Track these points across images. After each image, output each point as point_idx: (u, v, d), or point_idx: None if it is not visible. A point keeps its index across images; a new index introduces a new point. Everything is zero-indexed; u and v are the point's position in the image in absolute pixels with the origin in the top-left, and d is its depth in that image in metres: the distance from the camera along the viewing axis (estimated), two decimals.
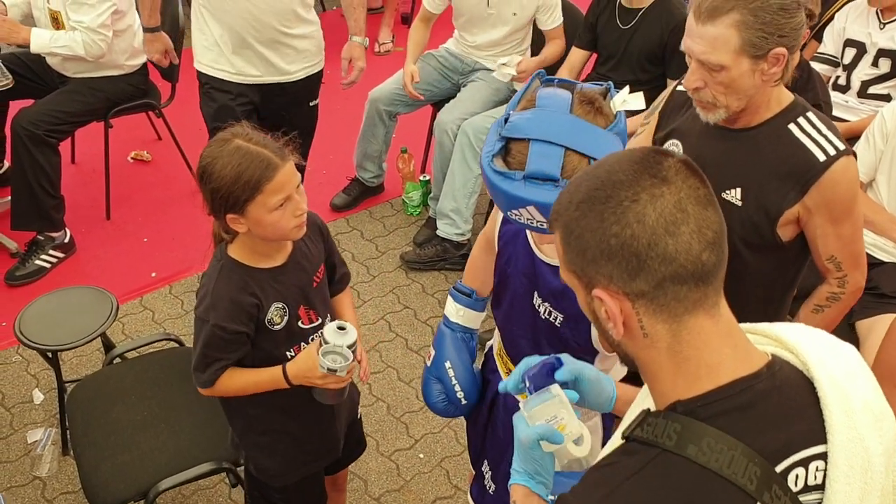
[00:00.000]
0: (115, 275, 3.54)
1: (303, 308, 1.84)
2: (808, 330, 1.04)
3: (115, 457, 2.23)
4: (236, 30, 3.00)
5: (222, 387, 1.82)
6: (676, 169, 0.93)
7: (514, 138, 1.35)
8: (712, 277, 0.92)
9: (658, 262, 0.90)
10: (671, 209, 0.90)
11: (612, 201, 0.92)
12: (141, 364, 2.54)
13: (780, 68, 1.66)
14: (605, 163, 0.97)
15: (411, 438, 2.91)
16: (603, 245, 0.92)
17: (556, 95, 1.37)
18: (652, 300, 0.92)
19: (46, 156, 3.46)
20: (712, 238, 0.91)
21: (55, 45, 3.35)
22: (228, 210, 1.64)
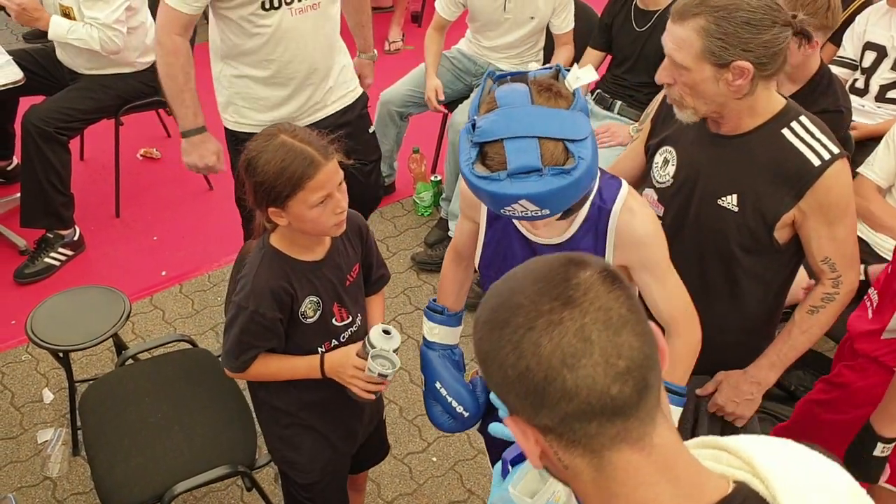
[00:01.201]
0: (124, 273, 3.52)
1: (336, 305, 1.86)
2: (788, 452, 0.90)
3: (130, 459, 2.21)
4: (284, 77, 2.65)
5: (253, 371, 1.85)
6: (587, 287, 0.81)
7: (488, 141, 1.39)
8: (632, 409, 0.80)
9: (558, 398, 0.79)
10: (570, 339, 0.79)
11: (509, 328, 0.82)
12: (154, 365, 2.52)
13: (745, 81, 1.67)
14: (514, 277, 0.87)
15: (424, 441, 2.89)
16: (502, 374, 0.83)
17: (515, 91, 1.42)
18: (561, 436, 0.82)
19: (57, 153, 3.44)
20: (625, 367, 0.79)
21: (71, 36, 3.34)
22: (270, 203, 1.67)
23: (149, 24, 3.62)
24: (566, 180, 1.36)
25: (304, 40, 2.57)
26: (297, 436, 2.00)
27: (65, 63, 3.58)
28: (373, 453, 2.32)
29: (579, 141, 1.38)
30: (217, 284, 3.51)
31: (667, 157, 1.94)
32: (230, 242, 3.69)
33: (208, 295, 3.46)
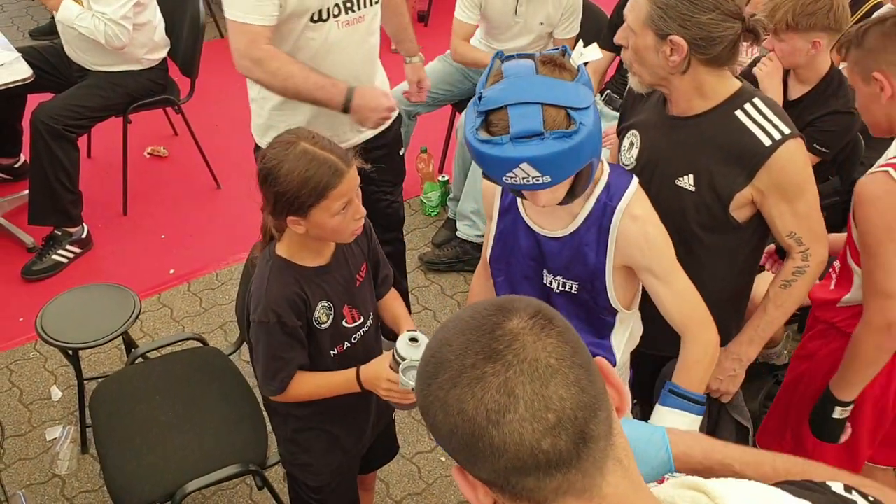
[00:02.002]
0: (132, 271, 3.52)
1: (347, 307, 1.85)
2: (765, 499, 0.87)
3: (141, 457, 2.21)
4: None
5: (294, 391, 1.81)
6: (512, 337, 0.78)
7: (492, 109, 1.43)
8: (571, 462, 0.76)
9: (489, 455, 0.76)
10: (493, 394, 0.76)
11: (436, 383, 0.80)
12: (165, 363, 2.52)
13: (680, 59, 1.71)
14: (446, 327, 0.84)
15: (432, 441, 2.89)
16: (435, 428, 0.81)
17: (520, 64, 1.47)
18: (503, 489, 0.79)
19: (65, 150, 3.45)
20: (556, 420, 0.75)
21: (79, 23, 3.34)
22: (291, 213, 1.65)
23: (157, 22, 3.62)
24: (567, 144, 1.39)
25: (350, 53, 2.52)
26: (309, 439, 1.99)
27: (73, 59, 3.58)
28: (382, 453, 2.32)
29: (582, 109, 1.41)
30: (225, 283, 3.51)
31: (632, 140, 1.99)
32: (238, 241, 3.70)
33: (216, 293, 3.46)
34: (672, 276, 1.67)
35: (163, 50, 3.70)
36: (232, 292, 3.46)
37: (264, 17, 2.31)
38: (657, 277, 1.67)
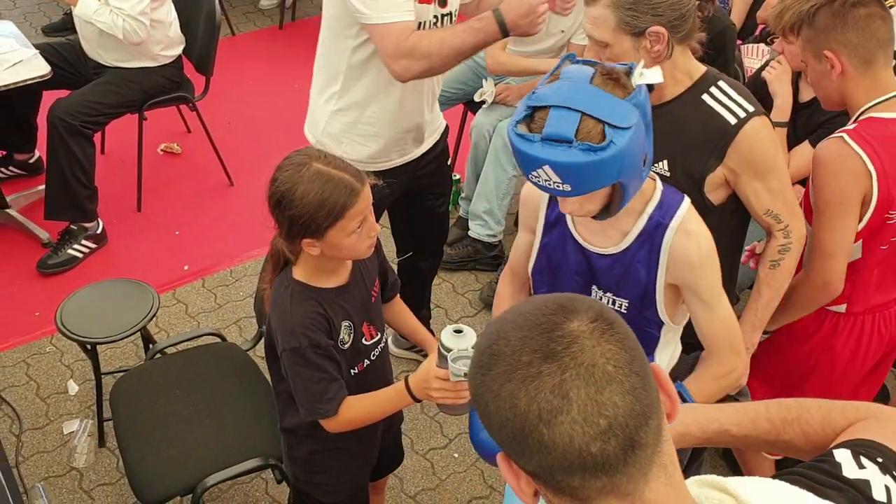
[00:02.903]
0: (147, 267, 3.55)
1: (365, 324, 1.83)
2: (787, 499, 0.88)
3: (162, 451, 2.24)
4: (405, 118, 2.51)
5: (348, 416, 1.75)
6: (571, 340, 0.78)
7: (538, 106, 1.45)
8: (618, 467, 0.77)
9: (537, 450, 0.78)
10: (547, 395, 0.77)
11: (489, 375, 0.81)
12: (184, 359, 2.56)
13: (662, 46, 1.78)
14: (504, 319, 0.85)
15: (445, 438, 2.92)
16: (486, 417, 0.83)
17: (580, 69, 1.49)
18: (547, 483, 0.81)
19: (81, 146, 3.48)
20: (607, 426, 0.76)
21: (97, 18, 3.37)
22: (307, 235, 1.62)
23: (172, 19, 3.65)
24: (591, 157, 1.39)
25: None
26: (326, 458, 1.96)
27: (90, 55, 3.62)
28: (390, 460, 2.31)
29: (620, 129, 1.40)
30: (239, 279, 3.55)
31: None
32: (251, 238, 3.74)
33: (231, 290, 3.49)
34: (715, 301, 1.66)
35: (178, 47, 3.73)
36: (246, 289, 3.49)
37: (405, 13, 2.23)
38: (701, 299, 1.66)
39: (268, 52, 5.28)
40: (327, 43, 2.44)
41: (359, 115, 2.45)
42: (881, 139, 1.90)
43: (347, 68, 2.39)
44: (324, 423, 1.77)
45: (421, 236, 2.92)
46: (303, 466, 1.99)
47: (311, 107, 2.60)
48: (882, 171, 1.89)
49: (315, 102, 2.56)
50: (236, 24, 5.51)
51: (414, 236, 2.91)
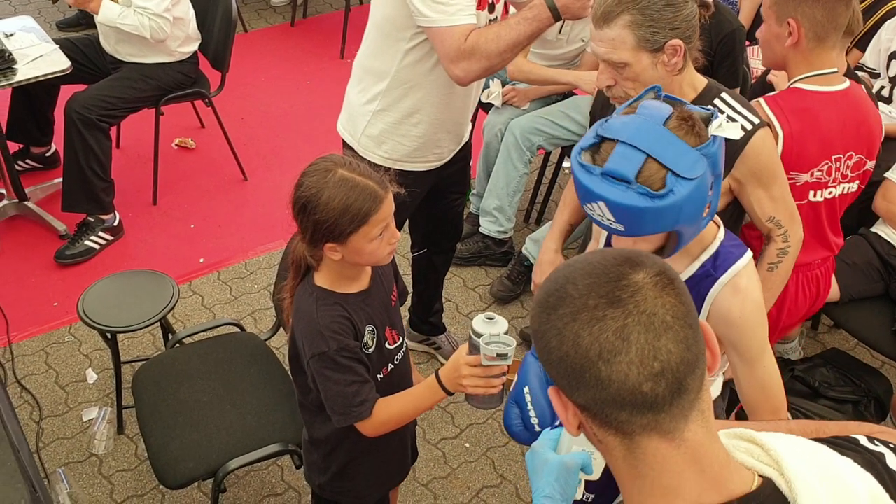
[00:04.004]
0: (163, 259, 3.62)
1: (388, 329, 1.85)
2: (816, 458, 0.93)
3: (184, 436, 2.30)
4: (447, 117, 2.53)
5: (382, 417, 1.75)
6: (635, 289, 0.86)
7: (607, 138, 1.42)
8: (664, 406, 0.85)
9: (593, 386, 0.86)
10: (609, 336, 0.84)
11: (555, 314, 0.88)
12: (204, 348, 2.61)
13: (679, 58, 1.80)
14: (572, 265, 0.92)
15: (457, 428, 2.99)
16: (546, 353, 0.90)
17: (657, 107, 1.44)
18: (595, 415, 0.89)
19: (98, 139, 3.54)
20: (660, 369, 0.84)
21: (122, 21, 3.43)
22: (330, 240, 1.65)
23: (191, 16, 3.72)
24: (646, 203, 1.35)
25: None
26: (357, 467, 1.96)
27: (107, 51, 3.68)
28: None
29: (683, 178, 1.36)
30: (254, 272, 3.61)
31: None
32: (265, 231, 3.80)
33: (245, 282, 3.56)
34: (757, 362, 1.62)
35: (194, 43, 3.79)
36: (261, 281, 3.55)
37: (468, 16, 2.22)
38: (741, 358, 1.63)
39: (280, 50, 5.33)
40: (376, 43, 2.42)
41: (403, 116, 2.46)
42: (795, 107, 2.10)
43: (397, 70, 2.39)
44: (359, 426, 1.76)
45: (438, 232, 2.97)
46: (332, 475, 1.97)
47: (349, 106, 2.59)
48: (789, 133, 2.07)
49: (354, 102, 2.55)
50: (248, 21, 5.57)
51: (431, 232, 2.96)
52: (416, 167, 2.56)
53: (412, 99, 2.44)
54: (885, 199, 2.81)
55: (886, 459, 0.99)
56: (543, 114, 3.56)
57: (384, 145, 2.51)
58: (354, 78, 2.57)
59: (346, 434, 1.83)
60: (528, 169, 3.59)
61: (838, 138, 2.17)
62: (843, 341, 3.33)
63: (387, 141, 2.51)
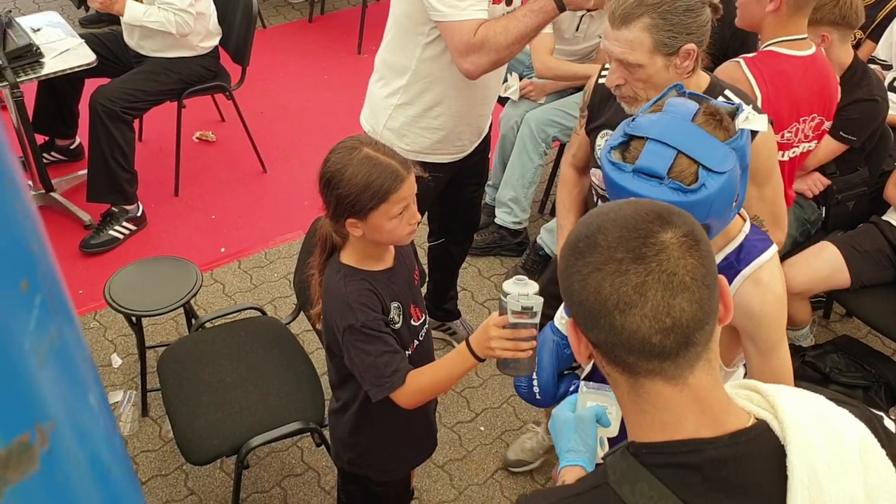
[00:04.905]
0: (185, 249, 3.69)
1: (412, 306, 1.91)
2: (809, 403, 0.99)
3: (209, 415, 2.38)
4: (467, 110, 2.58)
5: (416, 385, 1.77)
6: (661, 248, 0.90)
7: (636, 136, 1.45)
8: (670, 357, 0.91)
9: (606, 330, 0.92)
10: (628, 290, 0.90)
11: (582, 261, 0.93)
12: (227, 331, 2.69)
13: (691, 62, 1.85)
14: (605, 214, 0.96)
15: (472, 412, 3.05)
16: (568, 293, 0.96)
17: (684, 104, 1.48)
18: (605, 354, 0.95)
19: (122, 131, 3.62)
20: (671, 325, 0.89)
21: (148, 20, 3.52)
22: (351, 215, 1.71)
23: (212, 11, 3.79)
24: (679, 198, 1.37)
25: None
26: (389, 440, 2.01)
27: (131, 46, 3.76)
28: None
29: (715, 173, 1.39)
30: (274, 261, 3.68)
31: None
32: (285, 222, 3.87)
33: (265, 271, 3.63)
34: (772, 353, 1.64)
35: (215, 38, 3.87)
36: (280, 270, 3.63)
37: (480, 11, 2.27)
38: (757, 348, 1.64)
39: (298, 45, 5.41)
40: (396, 39, 2.48)
41: (425, 109, 2.51)
42: (772, 70, 2.21)
43: (417, 65, 2.45)
44: (394, 397, 1.77)
45: (456, 223, 3.04)
46: (360, 451, 2.03)
47: (371, 99, 2.65)
48: (766, 96, 2.16)
49: (376, 95, 2.61)
50: (267, 17, 5.64)
51: (449, 222, 3.03)
52: (437, 159, 2.62)
53: (433, 93, 2.50)
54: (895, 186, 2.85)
55: (884, 420, 1.05)
56: (559, 106, 3.62)
57: (406, 138, 2.57)
58: (376, 73, 2.63)
59: (372, 411, 1.89)
60: (543, 160, 3.65)
61: (806, 101, 2.30)
62: (855, 330, 3.36)
63: (408, 134, 2.57)
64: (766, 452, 0.94)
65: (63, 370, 0.37)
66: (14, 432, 0.32)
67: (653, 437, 0.96)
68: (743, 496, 0.92)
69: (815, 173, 2.93)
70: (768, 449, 0.94)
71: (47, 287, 0.38)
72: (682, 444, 0.94)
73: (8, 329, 0.34)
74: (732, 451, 0.93)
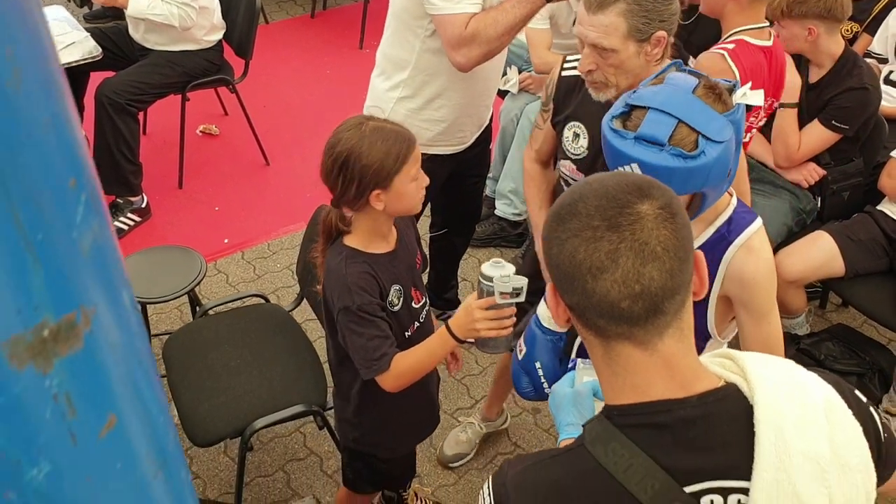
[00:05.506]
0: (189, 240, 3.73)
1: (413, 288, 1.96)
2: (777, 366, 1.03)
3: (213, 398, 2.42)
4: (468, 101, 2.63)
5: (399, 369, 1.83)
6: (636, 218, 0.94)
7: (637, 106, 1.51)
8: (638, 322, 0.95)
9: (579, 293, 0.96)
10: (601, 256, 0.94)
11: (562, 226, 0.98)
12: (231, 318, 2.73)
13: (661, 49, 1.91)
14: (588, 183, 1.01)
15: (472, 399, 3.09)
16: (548, 255, 1.00)
17: (684, 79, 1.55)
18: (580, 316, 1.00)
19: (127, 124, 3.67)
20: (639, 291, 0.93)
21: (151, 13, 3.56)
22: (376, 186, 1.73)
23: (216, 5, 3.84)
24: (680, 164, 1.43)
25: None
26: (397, 416, 2.05)
27: (136, 39, 3.81)
28: None
29: (713, 141, 1.45)
30: (276, 252, 3.73)
31: (576, 131, 2.14)
32: (287, 214, 3.92)
33: (268, 261, 3.68)
34: (764, 318, 1.69)
35: (219, 32, 3.91)
36: (283, 261, 3.67)
37: (473, 4, 2.30)
38: (750, 315, 1.69)
39: (300, 40, 5.46)
40: (397, 33, 2.52)
41: (426, 102, 2.56)
42: (751, 63, 2.29)
43: (417, 58, 2.49)
44: (379, 380, 1.84)
45: (458, 214, 3.08)
46: (365, 430, 2.07)
47: (374, 92, 2.68)
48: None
49: (379, 88, 2.65)
50: (270, 13, 5.69)
51: (452, 214, 3.07)
52: (439, 151, 2.66)
53: (434, 85, 2.54)
54: (890, 177, 2.89)
55: (856, 391, 1.09)
56: None
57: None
58: (378, 67, 2.68)
59: (375, 390, 1.93)
60: None
61: (770, 88, 2.41)
62: (851, 320, 3.40)
63: (411, 126, 2.54)
64: (734, 412, 0.98)
65: (102, 265, 0.41)
66: (64, 309, 0.37)
67: (624, 399, 1.00)
68: (712, 453, 0.96)
69: (810, 163, 2.98)
70: (737, 409, 0.98)
71: (90, 189, 0.42)
72: (652, 405, 0.98)
73: (61, 216, 0.38)
74: (701, 410, 0.97)
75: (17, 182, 0.35)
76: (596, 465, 0.97)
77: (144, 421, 0.41)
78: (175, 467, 0.45)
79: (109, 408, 0.39)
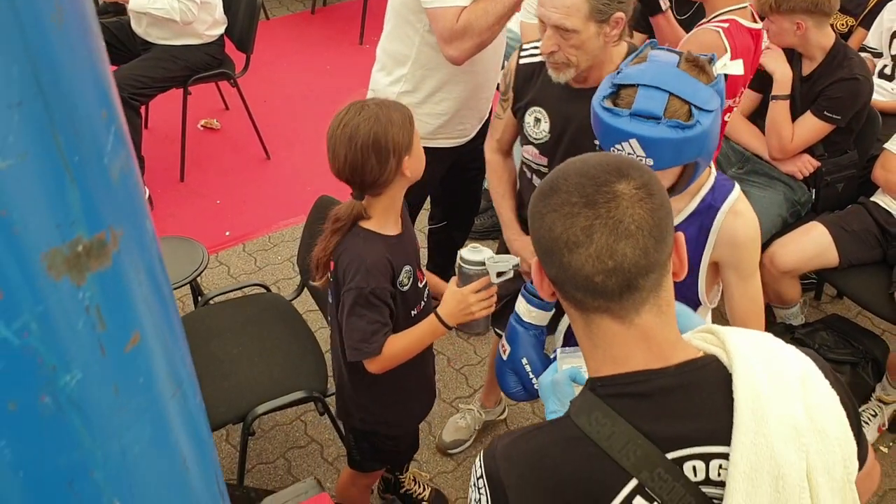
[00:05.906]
0: (191, 232, 3.75)
1: (418, 270, 2.01)
2: (757, 339, 1.06)
3: (216, 385, 2.46)
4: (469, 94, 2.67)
5: (389, 353, 1.89)
6: (613, 196, 0.98)
7: (625, 84, 1.56)
8: (614, 297, 0.99)
9: (557, 266, 1.00)
10: (576, 231, 0.97)
11: (543, 202, 1.02)
12: (233, 307, 2.77)
13: (618, 30, 1.97)
14: (573, 162, 1.05)
15: (471, 388, 3.13)
16: (532, 228, 1.05)
17: (666, 55, 1.62)
18: (560, 289, 1.04)
19: (129, 117, 3.70)
20: (612, 267, 0.97)
21: (153, 7, 3.61)
22: (406, 152, 1.80)
23: (217, 0, 3.88)
24: (678, 134, 1.49)
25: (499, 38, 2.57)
26: (401, 395, 2.11)
27: (138, 33, 3.85)
28: None
29: (705, 111, 1.52)
30: (277, 244, 3.77)
31: (537, 116, 2.18)
32: (288, 207, 3.96)
33: (269, 254, 3.72)
34: (751, 278, 1.77)
35: (221, 27, 3.95)
36: (284, 253, 3.71)
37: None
38: (738, 273, 1.76)
39: (300, 36, 5.50)
40: (396, 28, 2.56)
41: (427, 95, 2.60)
42: (742, 44, 2.35)
43: (417, 53, 2.53)
44: (366, 362, 1.90)
45: (458, 207, 3.12)
46: (369, 409, 2.12)
47: (375, 86, 2.72)
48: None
49: (380, 83, 2.69)
50: (270, 9, 5.73)
51: (451, 207, 3.11)
52: (440, 144, 2.69)
53: (434, 79, 2.58)
54: (884, 168, 2.92)
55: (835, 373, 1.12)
56: None
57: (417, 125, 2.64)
58: (378, 62, 2.72)
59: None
60: None
61: (750, 69, 2.49)
62: (845, 311, 3.44)
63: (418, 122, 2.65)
64: (714, 380, 1.01)
65: (129, 193, 0.45)
66: (96, 228, 0.40)
67: (605, 370, 1.04)
68: (692, 420, 1.00)
69: (805, 155, 3.01)
70: (716, 377, 1.01)
71: (118, 122, 0.46)
72: (632, 375, 1.01)
73: (95, 143, 0.42)
74: (679, 379, 1.01)
75: (58, 107, 0.38)
76: (580, 434, 1.00)
77: (163, 344, 0.45)
78: (190, 392, 0.48)
79: (135, 325, 0.42)
